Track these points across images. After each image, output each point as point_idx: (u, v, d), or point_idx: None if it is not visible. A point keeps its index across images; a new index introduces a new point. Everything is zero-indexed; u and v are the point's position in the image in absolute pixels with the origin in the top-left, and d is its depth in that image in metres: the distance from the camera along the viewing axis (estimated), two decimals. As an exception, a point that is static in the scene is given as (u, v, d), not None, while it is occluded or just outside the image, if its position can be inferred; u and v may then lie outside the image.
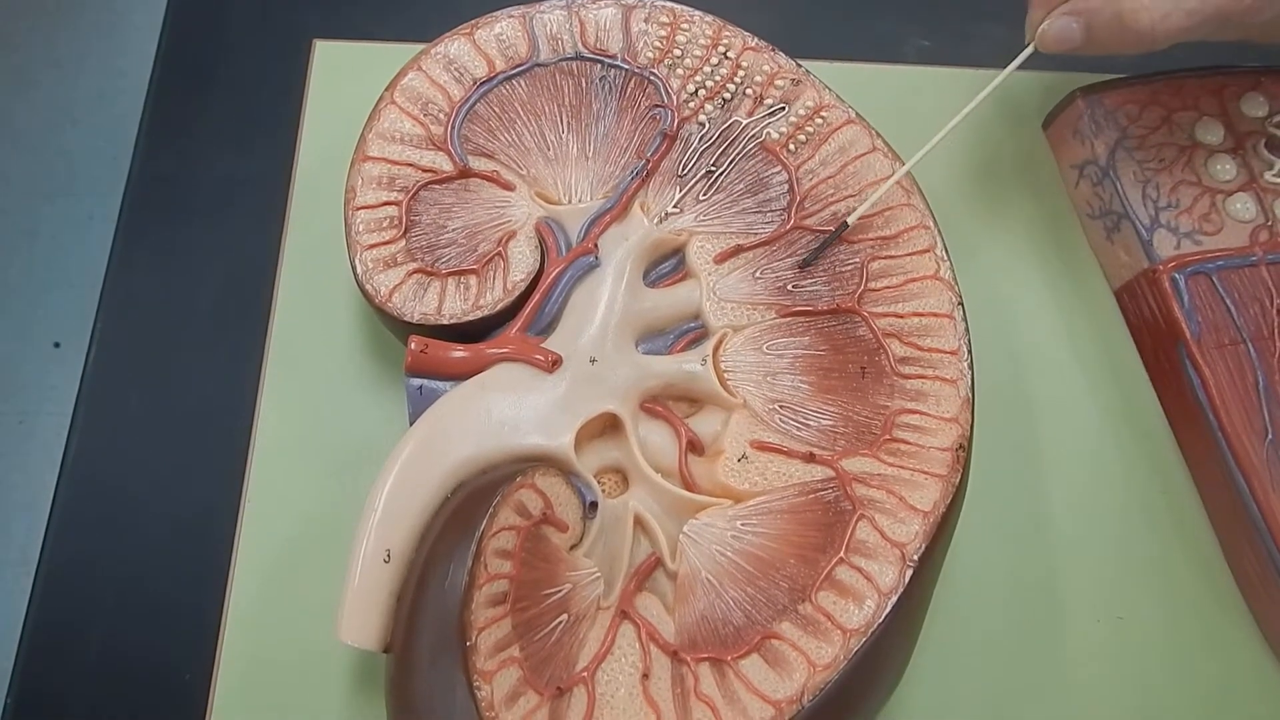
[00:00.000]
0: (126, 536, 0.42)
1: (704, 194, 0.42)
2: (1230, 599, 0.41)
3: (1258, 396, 0.40)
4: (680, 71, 0.44)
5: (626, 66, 0.44)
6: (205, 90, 0.50)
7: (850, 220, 0.40)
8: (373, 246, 0.40)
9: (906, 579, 0.35)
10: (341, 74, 0.50)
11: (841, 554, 0.36)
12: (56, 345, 1.20)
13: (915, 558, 0.36)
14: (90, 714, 0.39)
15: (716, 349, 0.39)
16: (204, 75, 0.51)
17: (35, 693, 0.39)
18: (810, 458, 0.38)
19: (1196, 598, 0.41)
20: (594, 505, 0.37)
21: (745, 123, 0.43)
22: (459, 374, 0.38)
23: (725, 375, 0.39)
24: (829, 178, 0.42)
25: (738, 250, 0.41)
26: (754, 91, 0.44)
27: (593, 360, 0.39)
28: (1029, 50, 0.41)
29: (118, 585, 0.41)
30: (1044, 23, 0.39)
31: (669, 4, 0.45)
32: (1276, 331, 0.41)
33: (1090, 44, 0.39)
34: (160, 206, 0.48)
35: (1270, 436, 0.39)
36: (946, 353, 0.39)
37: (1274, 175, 0.44)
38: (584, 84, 0.44)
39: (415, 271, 0.40)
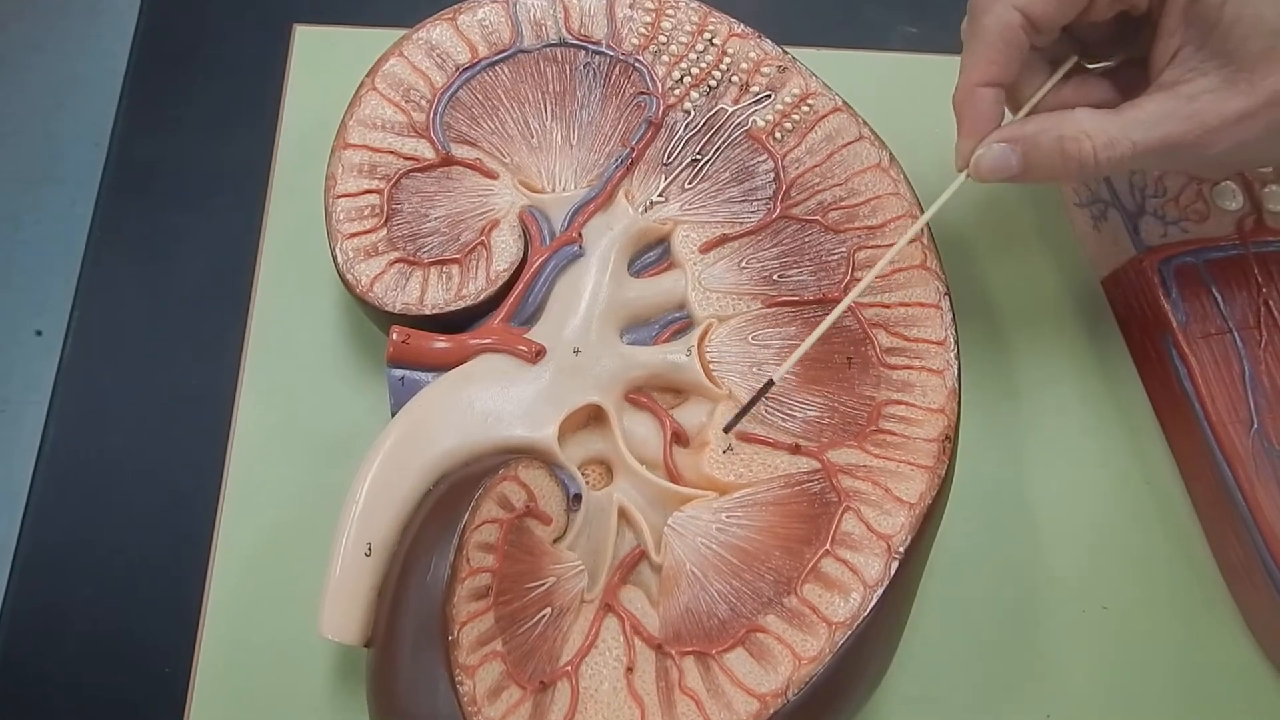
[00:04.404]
0: (106, 525, 0.41)
1: (689, 182, 0.42)
2: (1215, 588, 0.41)
3: (1243, 386, 0.40)
4: (665, 58, 0.44)
5: (611, 53, 0.44)
6: (184, 75, 0.50)
7: (776, 378, 0.37)
8: (354, 235, 0.40)
9: (892, 571, 0.35)
10: (322, 59, 0.49)
11: (827, 546, 0.36)
12: (39, 333, 1.19)
13: (901, 550, 0.35)
14: (70, 702, 0.39)
15: (702, 339, 0.39)
16: (183, 60, 0.50)
17: (14, 681, 0.39)
18: (796, 449, 0.37)
19: (1181, 587, 0.41)
20: (578, 497, 0.37)
21: (731, 110, 0.43)
22: (441, 365, 0.38)
23: (711, 366, 0.39)
24: (815, 166, 0.42)
25: (723, 239, 0.41)
26: (740, 79, 0.43)
27: (576, 351, 0.38)
28: (960, 180, 0.37)
29: (97, 574, 0.40)
30: (978, 151, 0.36)
31: (654, -11, 0.45)
32: (1262, 320, 0.41)
33: (1029, 172, 0.36)
34: (139, 193, 0.47)
35: (1255, 426, 0.39)
36: (933, 343, 0.39)
37: (1261, 164, 0.44)
38: (568, 71, 0.43)
39: (397, 261, 0.40)
